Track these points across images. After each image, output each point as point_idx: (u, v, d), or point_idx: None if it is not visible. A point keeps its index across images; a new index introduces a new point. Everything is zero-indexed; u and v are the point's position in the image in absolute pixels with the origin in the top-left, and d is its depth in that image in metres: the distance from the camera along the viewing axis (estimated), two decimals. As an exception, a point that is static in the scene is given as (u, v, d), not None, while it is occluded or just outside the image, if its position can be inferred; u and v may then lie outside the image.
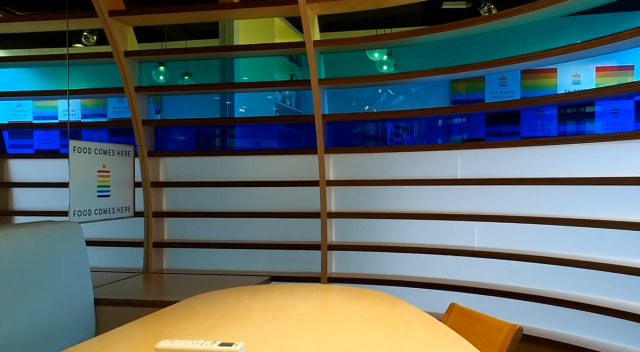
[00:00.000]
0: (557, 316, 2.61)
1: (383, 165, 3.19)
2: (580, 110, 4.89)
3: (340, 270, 3.27)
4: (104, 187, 2.99)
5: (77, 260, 2.30)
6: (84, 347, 1.43)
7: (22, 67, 4.38)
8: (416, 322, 1.66)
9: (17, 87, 3.99)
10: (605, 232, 2.52)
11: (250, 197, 3.41)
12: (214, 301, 1.98)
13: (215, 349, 1.34)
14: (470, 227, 2.98)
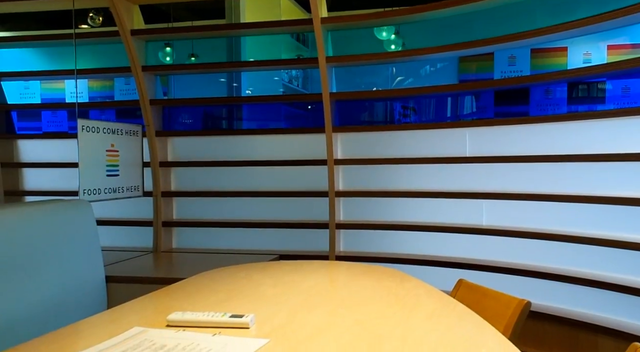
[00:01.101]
0: (564, 293, 2.61)
1: (391, 144, 3.17)
2: (591, 91, 4.84)
3: (348, 248, 3.28)
4: (113, 166, 3.00)
5: (88, 237, 2.32)
6: (97, 319, 1.45)
7: (29, 47, 4.37)
8: (425, 296, 1.67)
9: (24, 68, 4.00)
10: (615, 209, 2.51)
11: (258, 176, 3.42)
12: (223, 276, 2.00)
13: (226, 320, 1.36)
14: (478, 205, 2.97)
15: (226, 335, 1.28)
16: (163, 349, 1.18)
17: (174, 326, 1.35)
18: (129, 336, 1.27)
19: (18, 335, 1.82)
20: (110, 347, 1.19)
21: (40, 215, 2.13)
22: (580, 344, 2.42)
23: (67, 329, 1.35)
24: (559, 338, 2.50)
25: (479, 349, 1.17)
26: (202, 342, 1.23)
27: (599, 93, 4.80)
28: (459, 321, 1.40)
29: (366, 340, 1.23)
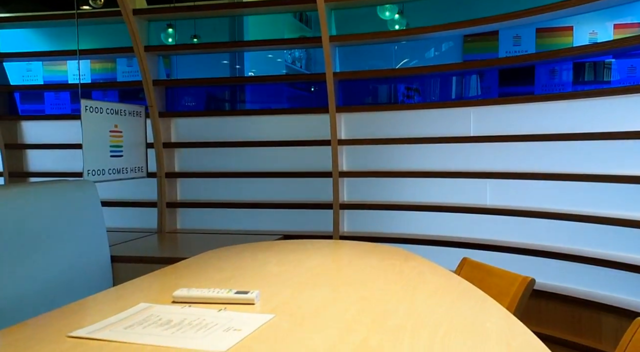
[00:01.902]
0: (568, 272, 2.62)
1: (395, 124, 3.16)
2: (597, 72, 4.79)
3: (352, 229, 3.28)
4: (117, 147, 3.00)
5: (93, 217, 2.33)
6: (103, 296, 1.46)
7: (31, 28, 4.34)
8: (429, 273, 1.67)
9: (27, 49, 3.98)
10: (620, 188, 2.50)
11: (262, 157, 3.41)
12: (228, 255, 2.01)
13: (232, 296, 1.37)
14: (482, 184, 2.97)
15: (231, 311, 1.29)
16: (169, 324, 1.19)
17: (180, 302, 1.36)
18: (136, 312, 1.28)
19: (26, 313, 1.83)
20: (117, 322, 1.20)
21: (46, 195, 2.14)
22: (583, 322, 2.43)
23: (74, 305, 1.36)
24: (562, 317, 2.51)
25: (483, 323, 1.18)
26: (207, 317, 1.24)
27: (606, 74, 4.76)
28: (462, 296, 1.41)
29: (370, 315, 1.24)
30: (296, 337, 1.10)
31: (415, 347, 1.04)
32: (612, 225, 2.42)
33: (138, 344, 1.06)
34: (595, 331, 2.38)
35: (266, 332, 1.13)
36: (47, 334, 1.13)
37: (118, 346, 1.06)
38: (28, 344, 1.07)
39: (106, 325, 1.19)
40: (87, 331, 1.15)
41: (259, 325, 1.18)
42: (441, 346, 1.04)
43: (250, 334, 1.12)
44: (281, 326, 1.17)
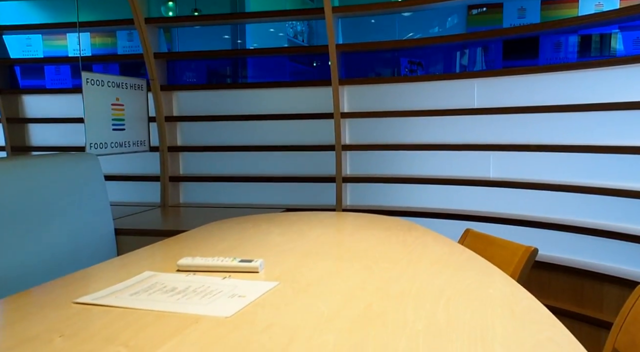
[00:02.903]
0: (570, 243, 2.62)
1: (398, 96, 3.14)
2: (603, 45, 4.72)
3: (355, 202, 3.29)
4: (119, 120, 2.99)
5: (96, 190, 2.33)
6: (108, 265, 1.47)
7: (30, 0, 4.30)
8: (432, 243, 1.68)
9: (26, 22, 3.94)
10: (623, 158, 2.49)
11: (264, 130, 3.40)
12: (231, 226, 2.01)
13: (236, 264, 1.37)
14: (486, 157, 2.96)
15: (236, 278, 1.29)
16: (174, 291, 1.19)
17: (184, 271, 1.37)
18: (140, 280, 1.29)
19: (31, 284, 1.85)
20: (122, 289, 1.21)
21: (49, 167, 2.14)
22: (585, 292, 2.44)
23: (79, 273, 1.37)
24: (565, 287, 2.52)
25: (486, 289, 1.18)
26: (212, 284, 1.24)
27: (611, 46, 4.70)
28: (466, 264, 1.41)
29: (374, 283, 1.25)
30: (300, 304, 1.10)
31: (419, 312, 1.04)
32: (616, 196, 2.42)
33: (143, 310, 1.07)
34: (597, 302, 2.39)
35: (270, 299, 1.14)
36: (53, 301, 1.14)
37: (123, 311, 1.07)
38: (34, 310, 1.08)
39: (111, 292, 1.19)
40: (93, 297, 1.15)
41: (263, 292, 1.18)
42: (445, 311, 1.05)
43: (255, 301, 1.12)
44: (285, 293, 1.18)
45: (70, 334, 0.95)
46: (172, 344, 0.90)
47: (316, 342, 0.90)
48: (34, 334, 0.95)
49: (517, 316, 1.02)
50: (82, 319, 1.02)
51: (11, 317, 1.04)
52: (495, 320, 0.99)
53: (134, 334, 0.94)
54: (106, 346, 0.89)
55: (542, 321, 0.99)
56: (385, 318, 1.01)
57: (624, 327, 1.23)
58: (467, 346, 0.87)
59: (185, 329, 0.96)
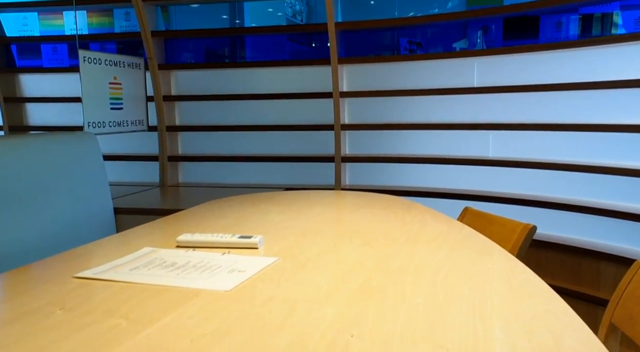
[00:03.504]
0: (568, 222, 2.63)
1: (398, 76, 3.12)
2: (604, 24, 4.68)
3: (354, 182, 3.29)
4: (117, 99, 2.98)
5: (95, 169, 2.33)
6: (107, 241, 1.47)
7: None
8: (431, 220, 1.68)
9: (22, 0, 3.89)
10: (623, 137, 2.49)
11: (263, 110, 3.39)
12: (231, 204, 2.01)
13: (235, 240, 1.38)
14: (485, 136, 2.95)
15: (235, 254, 1.30)
16: (174, 266, 1.20)
17: (184, 247, 1.37)
18: (140, 255, 1.29)
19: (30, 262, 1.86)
20: (122, 264, 1.22)
21: (47, 146, 2.13)
22: (582, 270, 2.46)
23: (79, 249, 1.37)
24: (562, 266, 2.54)
25: (485, 264, 1.19)
26: (211, 260, 1.25)
27: (612, 25, 4.66)
28: (465, 241, 1.41)
29: (373, 259, 1.25)
30: (300, 278, 1.11)
31: (417, 286, 1.05)
32: (614, 175, 2.42)
33: (143, 284, 1.07)
34: (594, 279, 2.41)
35: (270, 274, 1.14)
36: (53, 275, 1.14)
37: (123, 285, 1.07)
38: (34, 284, 1.09)
39: (111, 267, 1.20)
40: (93, 272, 1.16)
41: (262, 267, 1.19)
42: (443, 285, 1.05)
43: (254, 275, 1.13)
44: (285, 268, 1.18)
45: (70, 307, 0.95)
46: (172, 316, 0.90)
47: (316, 315, 0.90)
48: (34, 307, 0.96)
49: (515, 290, 1.02)
50: (83, 293, 1.03)
51: (11, 291, 1.05)
52: (493, 293, 1.00)
53: (134, 307, 0.95)
54: (107, 318, 0.90)
55: (540, 294, 1.00)
56: (384, 292, 1.02)
57: (620, 302, 1.24)
58: (466, 318, 0.88)
59: (185, 303, 0.97)
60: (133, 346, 0.79)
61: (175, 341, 0.80)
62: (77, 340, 0.81)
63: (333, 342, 0.79)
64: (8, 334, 0.84)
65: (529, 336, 0.81)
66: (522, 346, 0.78)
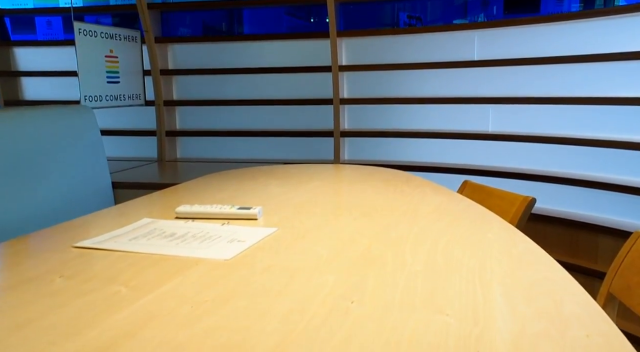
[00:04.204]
0: (566, 195, 2.63)
1: (397, 49, 3.09)
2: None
3: (352, 157, 3.28)
4: (113, 73, 2.94)
5: (92, 143, 2.31)
6: (106, 213, 1.46)
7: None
8: (430, 192, 1.68)
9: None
10: (622, 110, 2.47)
11: (261, 84, 3.36)
12: (229, 177, 2.01)
13: (234, 212, 1.37)
14: (485, 110, 2.94)
15: (234, 225, 1.30)
16: (173, 236, 1.20)
17: (183, 218, 1.37)
18: (139, 226, 1.29)
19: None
20: (121, 234, 1.21)
21: (43, 119, 2.11)
22: (580, 244, 2.47)
23: (78, 220, 1.37)
24: (560, 239, 2.55)
25: (485, 234, 1.19)
26: (211, 230, 1.24)
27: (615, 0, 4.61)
28: (464, 212, 1.41)
29: (373, 229, 1.25)
30: (299, 248, 1.11)
31: (417, 255, 1.05)
32: (613, 148, 2.42)
33: (143, 253, 1.07)
34: (592, 252, 2.42)
35: (269, 244, 1.14)
36: (53, 245, 1.14)
37: (123, 255, 1.07)
38: (33, 254, 1.08)
39: (111, 237, 1.19)
40: (92, 241, 1.15)
41: (262, 237, 1.19)
42: (443, 254, 1.05)
43: (254, 245, 1.13)
44: (285, 238, 1.18)
45: (70, 275, 0.95)
46: (172, 284, 0.90)
47: (316, 282, 0.90)
48: (34, 275, 0.95)
49: (515, 258, 1.02)
50: (82, 262, 1.03)
51: (10, 260, 1.05)
52: (493, 262, 1.00)
53: (134, 275, 0.95)
54: (106, 285, 0.90)
55: (539, 262, 1.00)
56: (384, 260, 1.02)
57: (619, 271, 1.24)
58: (466, 285, 0.88)
59: (185, 271, 0.97)
60: (134, 312, 0.79)
61: (175, 307, 0.80)
62: (77, 306, 0.81)
63: (334, 308, 0.79)
64: (8, 301, 0.84)
65: (529, 301, 0.81)
66: (522, 310, 0.78)
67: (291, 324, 0.74)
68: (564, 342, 0.68)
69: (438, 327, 0.73)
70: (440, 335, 0.71)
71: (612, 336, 0.70)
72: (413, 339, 0.70)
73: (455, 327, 0.73)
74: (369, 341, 0.69)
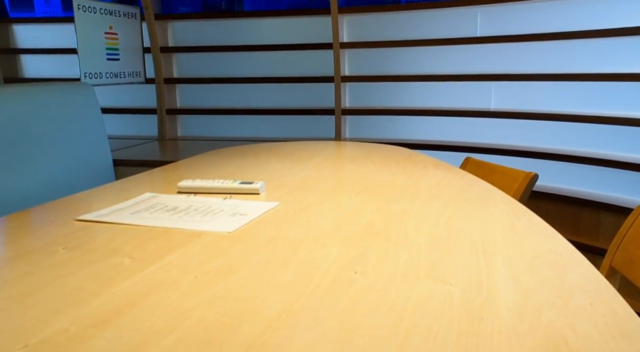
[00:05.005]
0: (569, 173, 2.63)
1: (399, 26, 3.06)
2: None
3: (354, 135, 3.27)
4: (113, 50, 2.92)
5: (93, 120, 2.30)
6: (108, 187, 1.46)
7: None
8: (432, 168, 1.67)
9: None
10: (624, 86, 2.46)
11: (262, 62, 3.33)
12: (231, 154, 2.00)
13: (236, 186, 1.37)
14: (487, 87, 2.92)
15: (237, 199, 1.29)
16: (175, 210, 1.20)
17: (185, 192, 1.37)
18: (142, 200, 1.29)
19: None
20: (123, 208, 1.21)
21: (44, 96, 2.10)
22: (583, 221, 2.47)
23: (80, 194, 1.37)
24: (563, 217, 2.55)
25: (487, 208, 1.19)
26: (213, 204, 1.24)
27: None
28: (467, 186, 1.41)
29: (375, 203, 1.25)
30: (302, 221, 1.11)
31: (420, 228, 1.05)
32: (615, 124, 2.41)
33: (146, 226, 1.07)
34: (594, 230, 2.42)
35: (272, 217, 1.14)
36: (55, 218, 1.14)
37: (126, 227, 1.07)
38: (36, 227, 1.08)
39: (113, 210, 1.19)
40: (95, 215, 1.15)
41: (265, 211, 1.19)
42: (446, 227, 1.05)
43: (257, 218, 1.13)
44: (287, 212, 1.18)
45: (73, 246, 0.95)
46: (175, 255, 0.90)
47: (319, 253, 0.90)
48: (37, 246, 0.95)
49: (518, 231, 1.02)
50: (85, 234, 1.03)
51: (12, 233, 1.05)
52: (496, 234, 1.00)
53: (137, 247, 0.95)
54: (110, 257, 0.90)
55: (543, 234, 1.00)
56: (387, 233, 1.02)
57: (621, 245, 1.24)
58: (469, 257, 0.88)
59: (188, 243, 0.97)
60: (138, 281, 0.79)
61: (179, 277, 0.80)
62: (81, 276, 0.81)
63: (337, 279, 0.79)
64: (12, 271, 0.84)
65: (533, 272, 0.81)
66: (526, 280, 0.78)
67: (295, 293, 0.74)
68: (567, 310, 0.68)
69: (442, 296, 0.73)
70: (444, 303, 0.71)
71: (616, 304, 0.70)
72: (417, 307, 0.70)
73: (459, 296, 0.73)
74: (372, 310, 0.69)
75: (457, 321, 0.66)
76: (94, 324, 0.66)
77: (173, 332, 0.64)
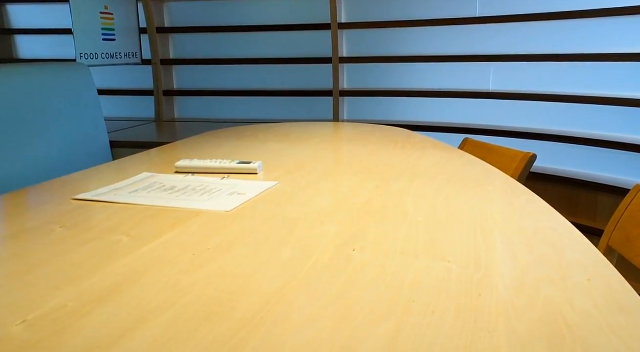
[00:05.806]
0: (567, 154, 2.63)
1: (397, 6, 3.02)
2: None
3: (352, 116, 3.25)
4: (109, 30, 2.89)
5: (89, 100, 2.28)
6: (106, 167, 1.46)
7: None
8: (431, 148, 1.67)
9: None
10: (622, 67, 2.44)
11: (260, 43, 3.30)
12: (228, 135, 1.99)
13: (234, 166, 1.36)
14: (486, 68, 2.90)
15: (235, 179, 1.29)
16: (173, 189, 1.19)
17: (183, 172, 1.36)
18: (139, 179, 1.28)
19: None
20: (121, 188, 1.21)
21: (39, 76, 2.08)
22: (580, 202, 2.47)
23: (77, 174, 1.36)
24: (560, 197, 2.55)
25: (486, 187, 1.18)
26: (211, 184, 1.24)
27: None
28: (465, 166, 1.41)
29: (374, 182, 1.24)
30: (301, 200, 1.10)
31: (418, 206, 1.04)
32: (613, 105, 2.40)
33: (143, 205, 1.07)
34: (591, 210, 2.43)
35: (270, 196, 1.14)
36: (52, 198, 1.13)
37: (123, 206, 1.06)
38: (33, 206, 1.08)
39: (111, 190, 1.19)
40: (92, 194, 1.15)
41: (263, 190, 1.18)
42: (444, 205, 1.05)
43: (255, 198, 1.12)
44: (285, 191, 1.18)
45: (71, 225, 0.95)
46: (173, 233, 0.90)
47: (317, 231, 0.90)
48: (34, 225, 0.95)
49: (517, 209, 1.02)
50: (82, 213, 1.02)
51: (10, 211, 1.04)
52: (494, 212, 1.00)
53: (135, 225, 0.95)
54: (108, 235, 0.90)
55: (541, 212, 1.00)
56: (385, 212, 1.01)
57: (619, 224, 1.25)
58: (467, 234, 0.88)
59: (186, 222, 0.96)
60: (136, 259, 0.79)
61: (177, 255, 0.80)
62: (79, 254, 0.81)
63: (335, 256, 0.79)
64: (9, 249, 0.83)
65: (531, 249, 0.81)
66: (524, 257, 0.78)
67: (293, 270, 0.74)
68: (565, 286, 0.69)
69: (440, 273, 0.73)
70: (443, 280, 0.71)
71: (614, 280, 0.70)
72: (415, 283, 0.70)
73: (457, 273, 0.73)
74: (371, 285, 0.69)
75: (456, 297, 0.66)
76: (93, 300, 0.66)
77: (172, 308, 0.64)
